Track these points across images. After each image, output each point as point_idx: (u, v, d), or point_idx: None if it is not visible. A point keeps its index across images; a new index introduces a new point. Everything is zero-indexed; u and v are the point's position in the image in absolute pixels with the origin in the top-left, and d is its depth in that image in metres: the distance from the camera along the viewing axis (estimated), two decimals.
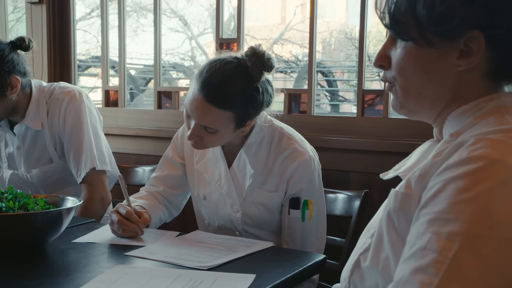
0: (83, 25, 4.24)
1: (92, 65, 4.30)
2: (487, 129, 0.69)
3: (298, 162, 1.44)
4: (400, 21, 0.75)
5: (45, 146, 1.80)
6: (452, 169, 0.65)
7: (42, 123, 1.77)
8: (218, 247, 1.30)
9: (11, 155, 1.84)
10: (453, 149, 0.68)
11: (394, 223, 0.72)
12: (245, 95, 1.36)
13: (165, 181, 1.62)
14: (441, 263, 0.61)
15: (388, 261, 0.73)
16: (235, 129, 1.41)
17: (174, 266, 1.17)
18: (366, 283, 0.77)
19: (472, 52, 0.72)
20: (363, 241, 0.82)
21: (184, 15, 4.99)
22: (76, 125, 1.76)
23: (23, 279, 1.09)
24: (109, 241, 1.37)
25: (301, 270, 1.18)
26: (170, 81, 2.64)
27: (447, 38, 0.73)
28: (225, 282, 1.05)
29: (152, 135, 2.41)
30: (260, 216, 1.49)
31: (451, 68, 0.75)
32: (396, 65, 0.78)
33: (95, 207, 1.73)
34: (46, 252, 1.29)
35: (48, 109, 1.78)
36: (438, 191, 0.66)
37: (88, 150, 1.76)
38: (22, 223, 1.24)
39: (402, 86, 0.79)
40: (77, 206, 1.72)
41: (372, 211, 1.61)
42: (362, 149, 1.94)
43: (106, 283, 1.04)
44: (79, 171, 1.75)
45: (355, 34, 6.05)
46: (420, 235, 0.64)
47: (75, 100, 1.77)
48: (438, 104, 0.78)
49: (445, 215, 0.63)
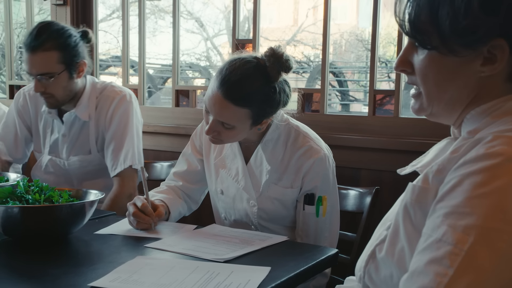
0: (104, 26, 4.26)
1: (112, 64, 4.33)
2: (505, 127, 0.68)
3: (314, 160, 1.43)
4: (421, 30, 0.73)
5: (88, 137, 1.84)
6: (470, 165, 0.64)
7: (90, 115, 1.82)
8: (234, 240, 1.30)
9: (55, 141, 1.88)
10: (471, 145, 0.67)
11: (411, 216, 0.72)
12: (262, 94, 1.36)
13: (184, 176, 1.62)
14: (456, 255, 0.60)
15: (403, 252, 0.72)
16: (251, 126, 1.41)
17: (192, 258, 1.17)
18: (381, 273, 0.76)
19: (496, 59, 0.71)
20: (379, 233, 0.81)
21: (200, 17, 4.99)
22: (122, 123, 1.80)
23: (49, 267, 1.10)
24: (130, 233, 1.37)
25: (314, 263, 1.18)
26: (187, 80, 2.65)
27: (471, 48, 0.71)
28: (241, 274, 1.05)
29: (170, 132, 2.41)
30: (275, 211, 1.48)
31: (474, 74, 0.73)
32: (420, 72, 0.77)
33: (123, 202, 1.74)
34: (70, 242, 1.30)
35: (97, 104, 1.83)
36: (455, 185, 0.65)
37: (130, 148, 1.80)
38: (48, 214, 1.25)
39: (425, 92, 0.78)
40: (107, 199, 1.76)
41: (382, 207, 1.60)
42: (373, 147, 1.93)
43: (127, 273, 1.05)
44: (115, 166, 1.78)
45: (365, 36, 6.03)
46: (436, 227, 0.64)
47: (124, 100, 1.82)
48: (458, 107, 0.77)
49: (462, 209, 0.62)
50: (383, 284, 0.76)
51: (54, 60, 1.70)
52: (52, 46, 1.69)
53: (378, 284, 0.77)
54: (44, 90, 1.72)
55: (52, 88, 1.72)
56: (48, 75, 1.70)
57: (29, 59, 1.69)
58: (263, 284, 1.01)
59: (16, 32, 3.23)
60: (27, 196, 1.30)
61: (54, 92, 1.73)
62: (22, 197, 1.31)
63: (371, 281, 0.79)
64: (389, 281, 0.74)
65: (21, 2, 3.17)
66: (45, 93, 1.73)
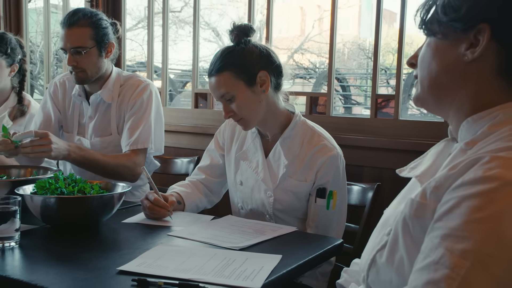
0: (130, 35, 4.27)
1: (137, 69, 4.35)
2: (502, 145, 0.65)
3: (327, 157, 1.43)
4: (427, 21, 0.75)
5: (110, 119, 1.84)
6: (467, 187, 0.62)
7: (113, 98, 1.84)
8: (248, 230, 1.29)
9: (82, 123, 1.90)
10: (468, 164, 0.64)
11: (409, 229, 0.69)
12: (232, 54, 1.42)
13: (207, 170, 1.63)
14: (453, 279, 0.58)
15: (402, 261, 0.70)
16: (250, 88, 1.42)
17: (210, 245, 1.16)
18: (381, 277, 0.75)
19: (479, 43, 0.69)
20: (380, 237, 0.78)
21: (217, 27, 5.00)
22: (142, 107, 1.81)
23: (82, 252, 1.10)
24: (154, 222, 1.37)
25: (322, 252, 1.17)
26: (204, 84, 2.67)
27: (458, 29, 0.70)
28: (255, 261, 1.05)
29: (189, 131, 2.41)
30: (289, 202, 1.48)
31: (458, 57, 0.72)
32: (419, 59, 0.77)
33: (123, 169, 1.73)
34: (100, 230, 1.30)
35: (121, 91, 1.85)
36: (452, 207, 0.62)
37: (146, 130, 1.78)
38: (80, 205, 1.26)
39: (420, 77, 0.77)
40: (113, 154, 1.75)
41: (383, 201, 1.59)
42: (375, 147, 1.91)
43: (152, 258, 1.05)
44: (127, 142, 1.77)
45: (366, 45, 5.99)
46: (434, 248, 0.61)
47: (147, 88, 1.84)
48: (450, 96, 0.74)
49: (459, 232, 0.60)
50: (383, 287, 0.75)
51: (87, 36, 1.74)
52: (85, 23, 1.74)
53: (379, 286, 0.76)
54: (76, 64, 1.74)
55: (83, 62, 1.75)
56: (81, 48, 1.73)
57: (65, 34, 1.73)
58: (275, 270, 1.01)
59: (53, 40, 3.25)
60: (63, 189, 1.31)
61: (84, 66, 1.75)
62: (58, 189, 1.31)
63: (373, 283, 0.77)
64: (389, 285, 0.73)
65: (58, 14, 3.19)
66: (77, 68, 1.75)
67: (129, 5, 2.80)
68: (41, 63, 3.88)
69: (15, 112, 2.06)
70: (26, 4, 3.10)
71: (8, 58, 2.00)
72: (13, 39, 2.03)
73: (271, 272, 0.99)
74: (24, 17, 3.09)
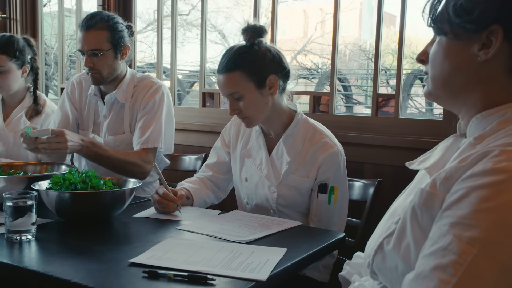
0: (140, 37, 4.27)
1: (147, 70, 4.35)
2: (511, 140, 0.65)
3: (328, 153, 1.42)
4: (437, 19, 0.73)
5: (123, 118, 1.84)
6: (477, 178, 0.61)
7: (126, 98, 1.84)
8: (254, 224, 1.29)
9: (97, 122, 1.90)
10: (478, 157, 0.64)
11: (418, 217, 0.69)
12: (246, 55, 1.39)
13: (214, 167, 1.63)
14: (460, 264, 0.57)
15: (409, 248, 0.70)
16: (258, 90, 1.41)
17: (217, 239, 1.16)
18: (387, 263, 0.74)
19: (492, 44, 0.68)
20: (388, 225, 0.78)
21: (223, 29, 4.99)
22: (154, 108, 1.80)
23: (94, 245, 1.10)
24: (163, 216, 1.37)
25: (325, 245, 1.17)
26: (211, 84, 2.67)
27: (470, 30, 0.69)
28: (261, 254, 1.04)
29: (197, 129, 2.41)
30: (292, 197, 1.47)
31: (471, 58, 0.71)
32: (430, 56, 0.76)
33: (132, 166, 1.72)
34: (112, 224, 1.30)
35: (135, 91, 1.85)
36: (462, 196, 0.62)
37: (156, 129, 1.78)
38: (93, 199, 1.26)
39: (432, 75, 0.76)
40: (124, 151, 1.74)
41: (383, 197, 1.58)
42: (376, 144, 1.90)
43: (162, 251, 1.05)
44: (138, 141, 1.77)
45: (367, 47, 5.95)
46: (442, 235, 0.61)
47: (160, 90, 1.84)
48: (462, 94, 0.74)
49: (467, 221, 0.59)
50: (389, 273, 0.74)
51: (104, 39, 1.73)
52: (102, 26, 1.73)
53: (384, 272, 0.75)
54: (93, 65, 1.74)
55: (99, 64, 1.75)
56: (98, 51, 1.73)
57: (83, 37, 1.73)
58: (280, 263, 1.00)
59: (67, 43, 3.26)
60: (77, 184, 1.31)
61: (101, 68, 1.75)
62: (72, 184, 1.32)
63: (378, 269, 0.77)
64: (394, 271, 0.72)
65: (71, 17, 3.20)
66: (93, 69, 1.75)
67: (139, 9, 2.80)
68: (55, 65, 3.90)
69: (31, 111, 2.06)
70: (42, 8, 3.11)
71: (18, 60, 1.99)
72: (21, 40, 2.02)
73: (276, 264, 0.99)
74: (39, 20, 3.10)
